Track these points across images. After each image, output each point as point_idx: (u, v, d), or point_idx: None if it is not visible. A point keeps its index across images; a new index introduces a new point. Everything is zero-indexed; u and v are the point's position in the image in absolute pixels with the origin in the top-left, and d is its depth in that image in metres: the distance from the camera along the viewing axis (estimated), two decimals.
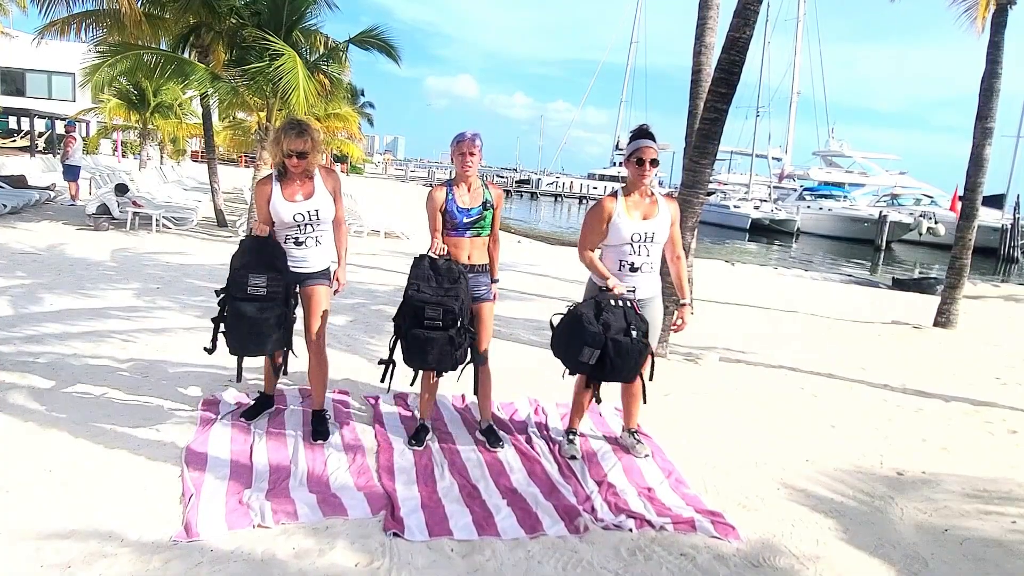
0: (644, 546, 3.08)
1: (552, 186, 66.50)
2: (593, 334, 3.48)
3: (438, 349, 3.56)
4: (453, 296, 3.57)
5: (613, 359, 3.50)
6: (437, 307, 3.53)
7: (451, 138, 3.83)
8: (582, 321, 3.53)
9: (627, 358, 3.53)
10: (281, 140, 3.65)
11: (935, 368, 6.92)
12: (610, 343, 3.47)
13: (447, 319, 3.54)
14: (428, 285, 3.58)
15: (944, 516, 3.60)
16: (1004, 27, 8.89)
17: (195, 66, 11.72)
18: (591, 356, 3.50)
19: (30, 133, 26.84)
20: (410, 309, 3.57)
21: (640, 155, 3.68)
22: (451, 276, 3.62)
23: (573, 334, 3.57)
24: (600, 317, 3.51)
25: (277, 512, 3.10)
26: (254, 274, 3.56)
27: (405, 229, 14.96)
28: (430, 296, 3.55)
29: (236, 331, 3.64)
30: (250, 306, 3.55)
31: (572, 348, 3.58)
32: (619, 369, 3.56)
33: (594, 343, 3.48)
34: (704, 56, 6.71)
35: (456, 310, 3.56)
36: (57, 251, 9.53)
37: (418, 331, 3.54)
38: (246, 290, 3.55)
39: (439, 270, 3.63)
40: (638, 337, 3.54)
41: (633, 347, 3.52)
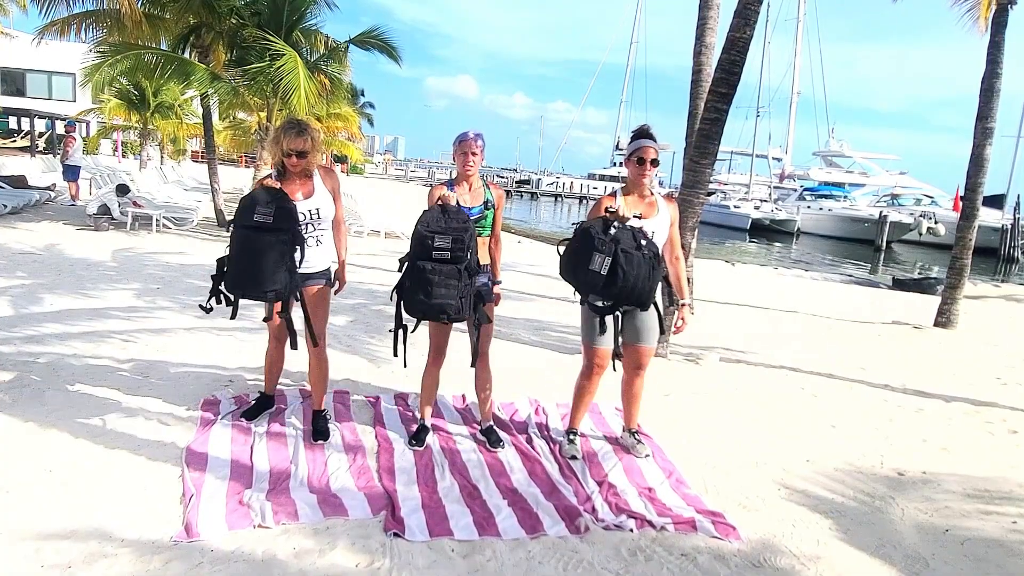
0: (645, 546, 3.08)
1: (552, 186, 66.51)
2: (604, 241, 3.40)
3: (444, 286, 3.45)
4: (463, 230, 3.51)
5: (625, 269, 3.37)
6: (445, 236, 3.46)
7: (451, 139, 3.83)
8: (590, 232, 3.45)
9: (640, 269, 3.41)
10: (281, 139, 3.65)
11: (935, 368, 6.92)
12: (621, 253, 3.38)
13: (456, 248, 3.45)
14: (437, 224, 3.52)
15: (945, 516, 3.60)
16: (1004, 27, 8.89)
17: (195, 66, 11.73)
18: (603, 264, 3.38)
19: (30, 133, 26.85)
20: (418, 240, 3.49)
21: (640, 154, 3.68)
22: (460, 217, 3.57)
23: (583, 247, 3.47)
24: (608, 231, 3.44)
25: (277, 512, 3.10)
26: (261, 205, 3.48)
27: (405, 229, 14.95)
28: (440, 228, 3.48)
29: (235, 262, 3.51)
30: (254, 234, 3.45)
31: (582, 262, 3.47)
32: (632, 283, 3.41)
33: (605, 250, 3.39)
34: (704, 56, 6.71)
35: (465, 240, 3.48)
36: (57, 251, 9.53)
37: (425, 263, 3.47)
38: (252, 217, 3.46)
39: (449, 212, 3.57)
40: (649, 253, 3.45)
41: (644, 259, 3.42)
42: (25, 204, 13.38)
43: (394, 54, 12.30)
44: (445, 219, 3.53)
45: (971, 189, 9.20)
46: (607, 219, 3.49)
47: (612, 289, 3.44)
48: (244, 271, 3.50)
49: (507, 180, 65.21)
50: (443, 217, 3.54)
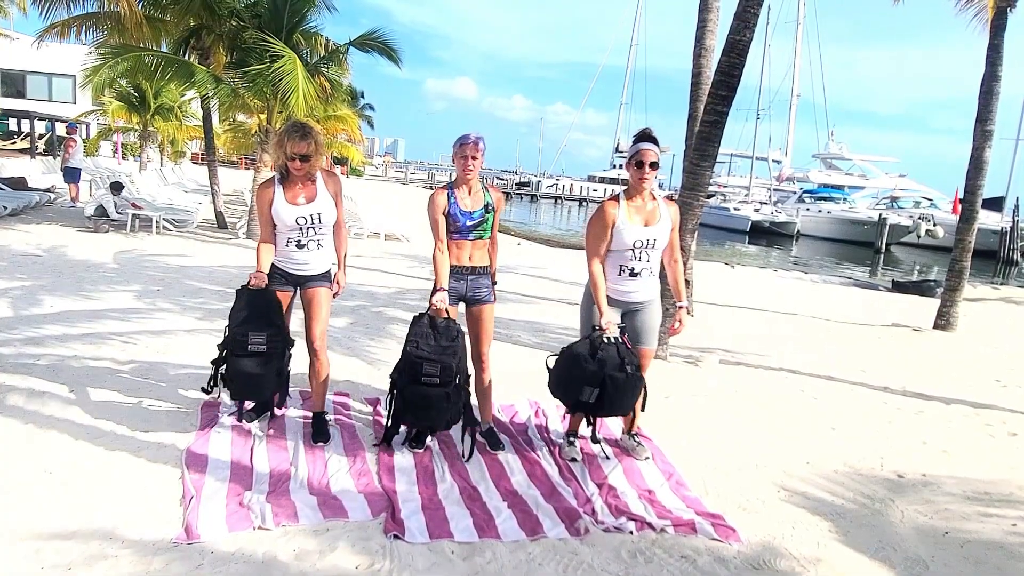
0: (645, 548, 3.08)
1: (552, 188, 66.52)
2: (592, 373, 3.56)
3: (434, 405, 3.61)
4: (451, 353, 3.62)
5: (611, 395, 3.57)
6: (435, 364, 3.58)
7: (451, 141, 3.82)
8: (579, 361, 3.60)
9: (624, 393, 3.61)
10: (284, 143, 3.65)
11: (935, 370, 6.93)
12: (608, 380, 3.54)
13: (444, 376, 3.59)
14: (427, 343, 3.63)
15: (944, 518, 3.60)
16: (1003, 30, 8.90)
17: (195, 68, 11.73)
18: (591, 395, 3.58)
19: (30, 135, 26.84)
20: (408, 365, 3.62)
21: (640, 158, 3.69)
22: (449, 334, 3.66)
23: (572, 375, 3.64)
24: (595, 356, 3.58)
25: (278, 514, 3.10)
26: (254, 331, 3.64)
27: (405, 231, 14.96)
28: (428, 353, 3.60)
29: (237, 384, 3.74)
30: (251, 362, 3.66)
31: (572, 388, 3.65)
32: (617, 404, 3.67)
33: (593, 382, 3.56)
34: (704, 59, 6.73)
35: (453, 367, 3.61)
36: (57, 253, 9.53)
37: (415, 387, 3.59)
38: (247, 348, 3.64)
39: (437, 328, 3.66)
40: (633, 371, 3.61)
41: (628, 382, 3.60)
42: (25, 206, 13.38)
43: (394, 56, 12.30)
44: (435, 336, 3.63)
45: (970, 192, 9.21)
46: (592, 339, 3.63)
47: (599, 411, 3.71)
48: (243, 390, 3.80)
49: (507, 182, 65.19)
50: (432, 334, 3.63)
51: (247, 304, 3.71)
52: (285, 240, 3.81)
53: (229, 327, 3.73)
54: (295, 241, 3.80)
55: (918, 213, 32.52)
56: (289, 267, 3.86)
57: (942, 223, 29.83)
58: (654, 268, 3.82)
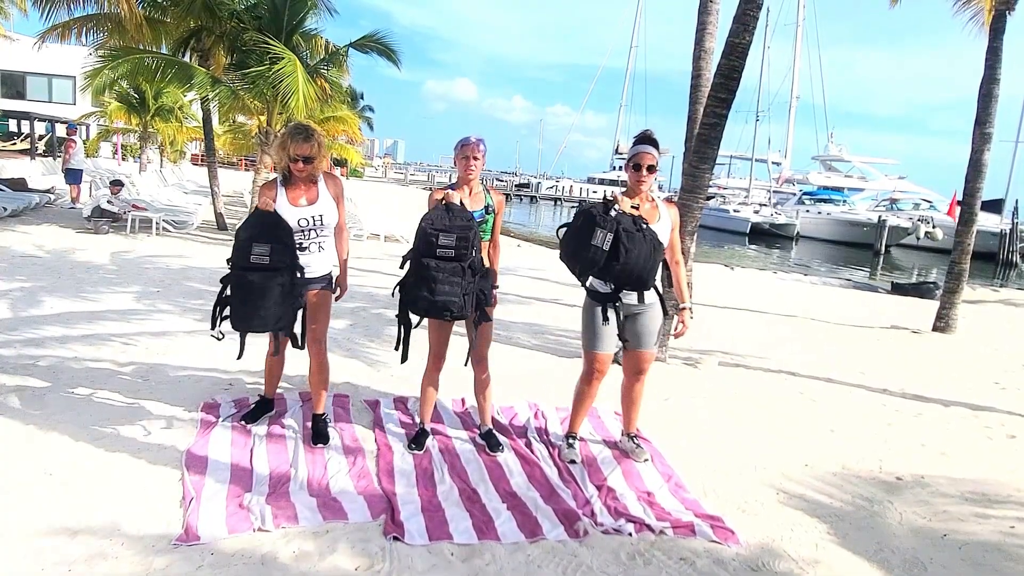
0: (644, 550, 3.09)
1: (552, 190, 66.52)
2: (606, 219, 3.40)
3: (448, 283, 3.45)
4: (467, 227, 3.51)
5: (627, 246, 3.39)
6: (450, 233, 3.46)
7: (450, 142, 3.83)
8: (592, 212, 3.45)
9: (640, 247, 3.43)
10: (287, 145, 3.64)
11: (934, 372, 6.93)
12: (622, 232, 3.38)
13: (460, 246, 3.45)
14: (441, 221, 3.51)
15: (943, 520, 3.61)
16: (1002, 33, 8.92)
17: (195, 69, 11.75)
18: (604, 239, 3.38)
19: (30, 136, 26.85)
20: (422, 237, 3.49)
21: (638, 160, 3.69)
22: (464, 215, 3.57)
23: (585, 224, 3.47)
24: (609, 213, 3.44)
25: (277, 516, 3.10)
26: (257, 243, 3.50)
27: (405, 233, 14.96)
28: (442, 225, 3.49)
29: (239, 302, 3.54)
30: (253, 275, 3.48)
31: (583, 239, 3.44)
32: (634, 260, 3.42)
33: (607, 227, 3.39)
34: (704, 61, 6.72)
35: (470, 237, 3.48)
36: (57, 254, 9.53)
37: (430, 259, 3.47)
38: (249, 258, 3.49)
39: (453, 209, 3.56)
40: (649, 234, 3.46)
41: (645, 239, 3.44)
42: (25, 207, 13.38)
43: (394, 58, 12.32)
44: (449, 217, 3.54)
45: (969, 194, 9.22)
46: (608, 202, 3.50)
47: (614, 266, 3.44)
48: (248, 312, 3.54)
49: (506, 183, 65.22)
50: (447, 215, 3.54)
51: (253, 223, 3.59)
52: None
53: (234, 241, 3.60)
54: (296, 243, 3.80)
55: (917, 215, 32.52)
56: None
57: (941, 225, 29.84)
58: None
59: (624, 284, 3.61)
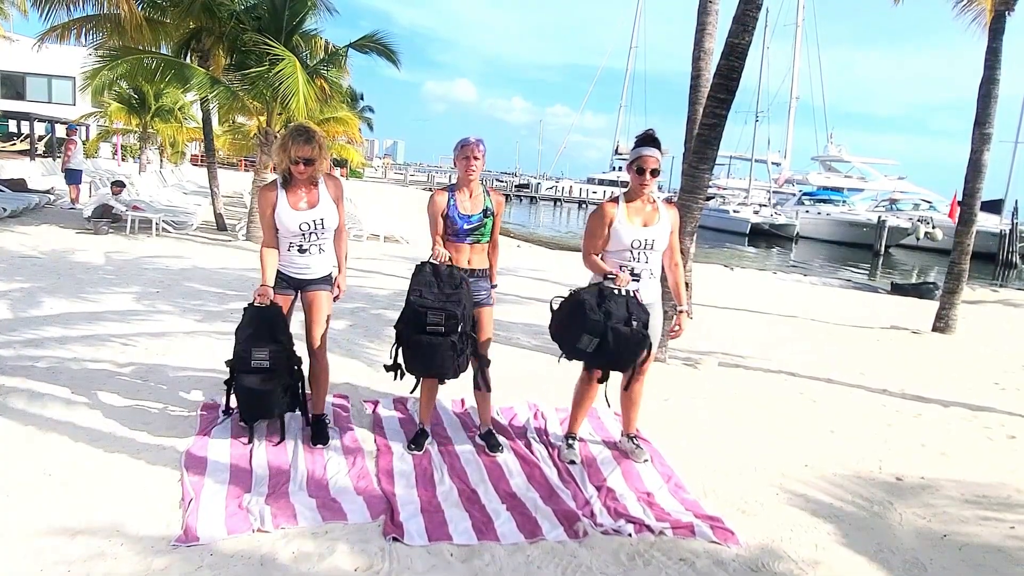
0: (643, 551, 3.09)
1: (551, 190, 66.53)
2: (594, 322, 3.44)
3: (440, 355, 3.56)
4: (455, 301, 3.57)
5: (612, 348, 3.47)
6: (439, 312, 3.53)
7: (450, 143, 3.83)
8: (584, 307, 3.49)
9: (626, 348, 3.51)
10: (288, 146, 3.63)
11: (934, 373, 6.93)
12: (610, 332, 3.44)
13: (449, 324, 3.53)
14: (430, 291, 3.58)
15: (943, 521, 3.60)
16: (1002, 33, 8.92)
17: (195, 70, 11.74)
18: (590, 344, 3.47)
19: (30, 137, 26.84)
20: (412, 315, 3.57)
21: (641, 164, 3.67)
22: (452, 282, 3.62)
23: (574, 320, 3.53)
24: (602, 305, 3.48)
25: (277, 516, 3.10)
26: (257, 348, 3.61)
27: (405, 233, 14.97)
28: (432, 301, 3.55)
29: (243, 402, 3.71)
30: (254, 378, 3.62)
31: (571, 334, 3.55)
32: (616, 359, 3.55)
33: (594, 331, 3.45)
34: (703, 62, 6.72)
35: (458, 315, 3.55)
36: (57, 255, 9.53)
37: (420, 337, 3.54)
38: (250, 364, 3.61)
39: (441, 276, 3.63)
40: (638, 327, 3.51)
41: (633, 337, 3.50)
42: (25, 208, 13.38)
43: (393, 58, 12.30)
44: (438, 284, 3.60)
45: (969, 194, 9.22)
46: (603, 287, 3.54)
47: (596, 361, 3.63)
48: (250, 408, 3.74)
49: (506, 184, 65.22)
50: (435, 282, 3.61)
51: (251, 320, 3.69)
52: (287, 244, 3.80)
53: (235, 344, 3.71)
54: (297, 246, 3.79)
55: (917, 215, 32.54)
56: (291, 271, 3.86)
57: (941, 225, 29.84)
58: (655, 270, 3.82)
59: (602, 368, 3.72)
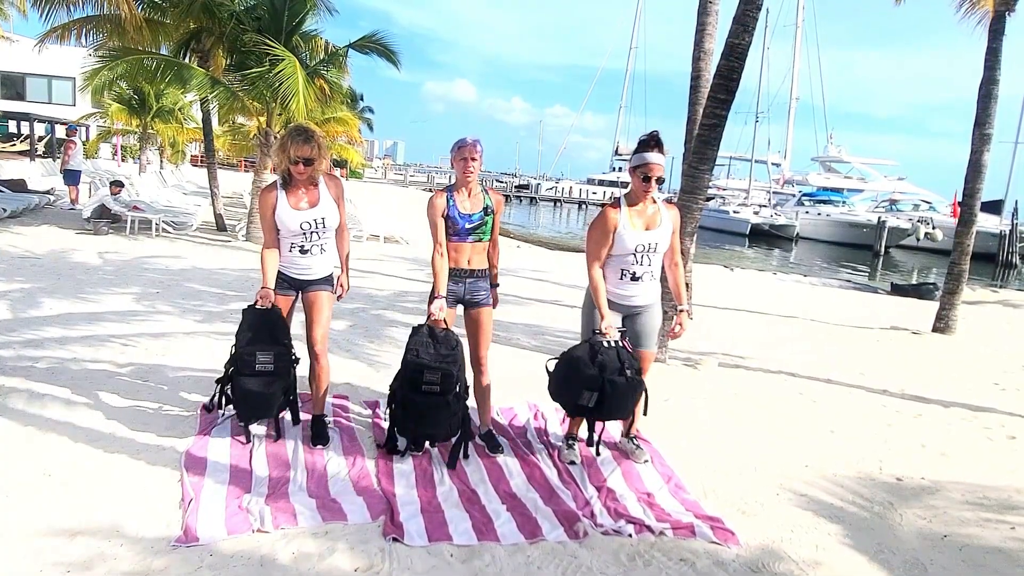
0: (644, 551, 3.08)
1: (551, 191, 66.54)
2: (591, 377, 3.55)
3: (433, 415, 3.61)
4: (451, 361, 3.63)
5: (611, 399, 3.57)
6: (435, 371, 3.58)
7: (450, 143, 3.83)
8: (579, 364, 3.60)
9: (624, 397, 3.61)
10: (288, 147, 3.63)
11: (934, 373, 6.93)
12: (607, 384, 3.54)
13: (445, 383, 3.59)
14: (426, 351, 3.63)
15: (943, 522, 3.60)
16: (1002, 34, 8.92)
17: (195, 70, 11.74)
18: (590, 399, 3.58)
19: (30, 137, 26.84)
20: (408, 373, 3.61)
21: (647, 172, 3.66)
22: (448, 344, 3.67)
23: (571, 379, 3.64)
24: (595, 360, 3.57)
25: (277, 517, 3.10)
26: (261, 351, 3.62)
27: (404, 234, 14.96)
28: (428, 360, 3.60)
29: (244, 404, 3.71)
30: (257, 382, 3.63)
31: (571, 392, 3.66)
32: (616, 408, 3.66)
33: (592, 386, 3.55)
34: (703, 62, 6.72)
35: (454, 374, 3.62)
36: (56, 255, 9.53)
37: (415, 396, 3.59)
38: (254, 367, 3.62)
39: (437, 337, 3.67)
40: (633, 375, 3.62)
41: (628, 386, 3.60)
42: (24, 208, 13.39)
43: (393, 59, 12.30)
44: (434, 345, 3.64)
45: (969, 195, 9.22)
46: (592, 343, 3.64)
47: (599, 415, 3.72)
48: (251, 410, 3.74)
49: (506, 185, 65.22)
50: (431, 343, 3.64)
51: (253, 323, 3.69)
52: (288, 245, 3.80)
53: (236, 347, 3.71)
54: (299, 247, 3.79)
55: (917, 216, 32.54)
56: (292, 272, 3.85)
57: (941, 226, 29.85)
58: (655, 272, 3.83)
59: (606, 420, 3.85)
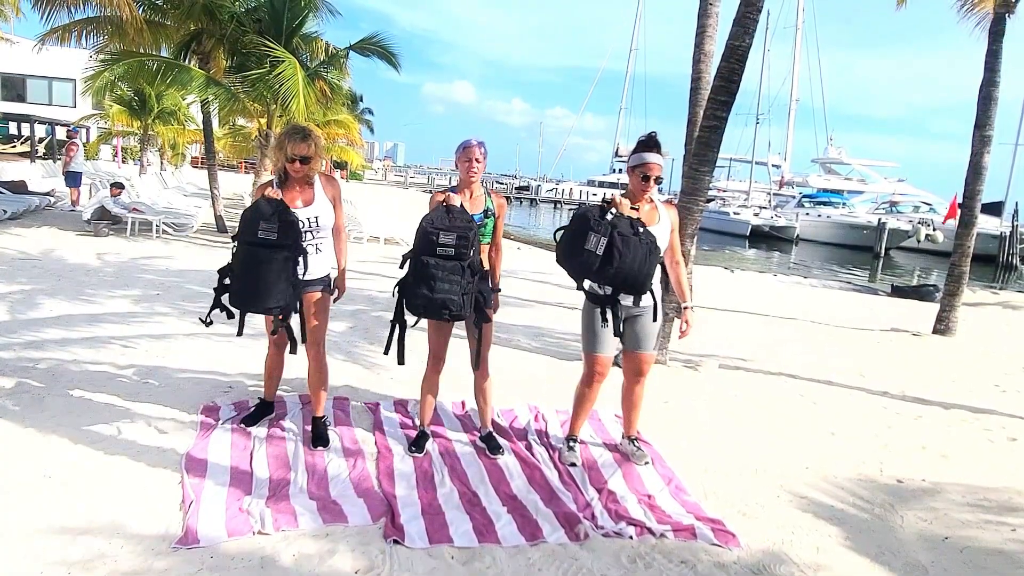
0: (644, 553, 3.08)
1: (552, 193, 66.60)
2: (600, 223, 3.39)
3: (447, 281, 3.46)
4: (467, 227, 3.52)
5: (621, 250, 3.35)
6: (450, 233, 3.48)
7: (450, 145, 3.84)
8: (587, 216, 3.45)
9: (636, 254, 3.40)
10: (284, 145, 3.66)
11: (934, 375, 6.93)
12: (617, 236, 3.36)
13: (460, 244, 3.47)
14: (442, 221, 3.53)
15: (944, 524, 3.60)
16: (1002, 36, 8.93)
17: (194, 72, 11.76)
18: (598, 244, 3.36)
19: (30, 139, 26.87)
20: (422, 236, 3.50)
21: (646, 171, 3.67)
22: (464, 216, 3.58)
23: (579, 228, 3.45)
24: (604, 217, 3.42)
25: (277, 519, 3.10)
26: (264, 220, 3.50)
27: (405, 235, 14.96)
28: (442, 224, 3.50)
29: (240, 278, 3.55)
30: (261, 251, 3.49)
31: (577, 243, 3.43)
32: (628, 264, 3.39)
33: (601, 231, 3.37)
34: (703, 64, 6.73)
35: (469, 237, 3.50)
36: (57, 257, 9.53)
37: (429, 258, 3.47)
38: (257, 233, 3.49)
39: (453, 211, 3.57)
40: (646, 239, 3.44)
41: (641, 245, 3.41)
42: (25, 210, 13.39)
43: (393, 60, 12.33)
44: (450, 217, 3.55)
45: (969, 197, 9.22)
46: (605, 205, 3.49)
47: (608, 270, 3.42)
48: (249, 287, 3.55)
49: (506, 186, 65.28)
50: (447, 215, 3.56)
51: (261, 204, 3.58)
52: None
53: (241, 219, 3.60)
54: None
55: (917, 218, 32.55)
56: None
57: (941, 228, 29.86)
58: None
59: (619, 288, 3.59)
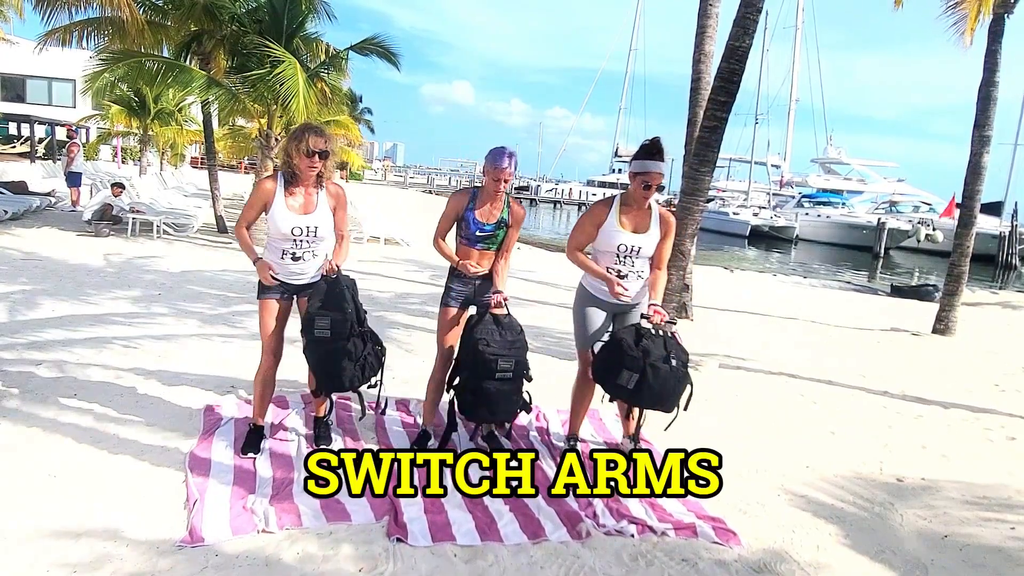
0: (646, 552, 3.10)
1: (551, 193, 66.62)
2: (632, 358, 3.55)
3: (508, 400, 3.67)
4: (520, 347, 3.68)
5: (651, 384, 3.55)
6: (509, 359, 3.62)
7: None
8: (621, 346, 3.61)
9: (665, 384, 3.58)
10: (304, 138, 3.53)
11: (934, 375, 6.95)
12: (649, 369, 3.53)
13: (517, 369, 3.65)
14: (493, 339, 3.65)
15: (944, 523, 3.62)
16: (1001, 36, 8.95)
17: (194, 72, 11.76)
18: (629, 380, 3.57)
19: (30, 139, 26.87)
20: (482, 362, 3.61)
21: (648, 180, 3.68)
22: (513, 329, 3.71)
23: (612, 359, 3.65)
24: (639, 343, 3.58)
25: (281, 517, 3.11)
26: (319, 317, 3.57)
27: (405, 236, 14.98)
28: (498, 348, 3.62)
29: (315, 368, 3.69)
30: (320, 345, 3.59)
31: (611, 372, 3.65)
32: (657, 395, 3.62)
33: (633, 367, 3.55)
34: (703, 64, 6.76)
35: (524, 356, 3.70)
36: (58, 257, 9.54)
37: (490, 384, 3.61)
38: (313, 332, 3.57)
39: (501, 323, 3.70)
40: (678, 365, 3.60)
41: (672, 374, 3.58)
42: (25, 210, 13.40)
43: (394, 61, 12.33)
44: (500, 332, 3.66)
45: (969, 197, 9.25)
46: (639, 327, 3.65)
47: (638, 399, 3.68)
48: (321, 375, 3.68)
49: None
50: (497, 330, 3.67)
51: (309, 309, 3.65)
52: (280, 252, 3.67)
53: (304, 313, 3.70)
54: (290, 253, 3.67)
55: (917, 218, 32.58)
56: (284, 277, 3.75)
57: (941, 227, 29.89)
58: (642, 273, 3.84)
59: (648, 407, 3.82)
